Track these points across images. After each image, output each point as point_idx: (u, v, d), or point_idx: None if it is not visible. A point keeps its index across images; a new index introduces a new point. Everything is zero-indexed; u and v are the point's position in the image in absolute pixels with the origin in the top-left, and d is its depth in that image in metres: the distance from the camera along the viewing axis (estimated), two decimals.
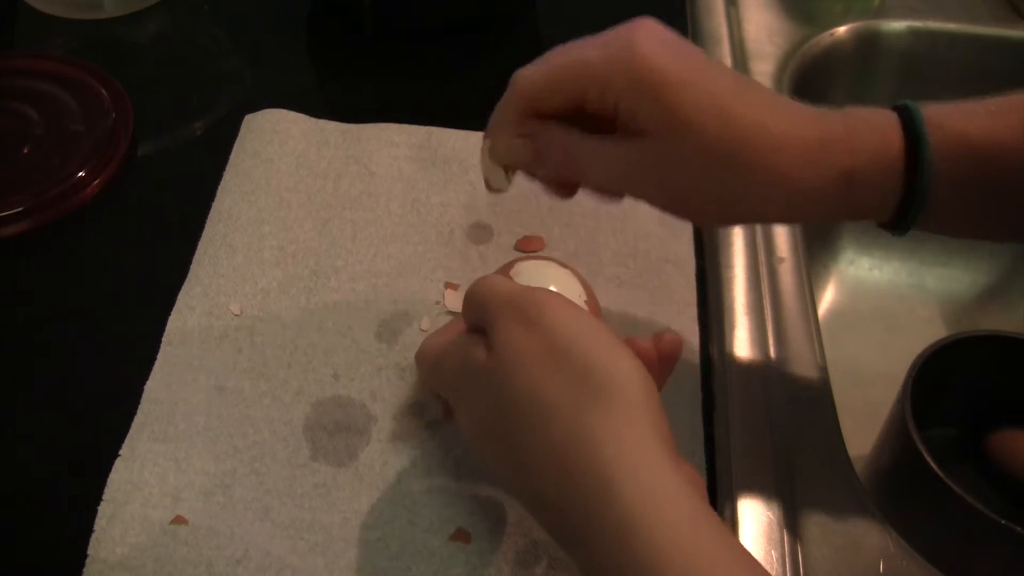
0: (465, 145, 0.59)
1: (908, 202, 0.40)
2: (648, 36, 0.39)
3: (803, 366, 0.50)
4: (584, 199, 0.45)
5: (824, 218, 0.42)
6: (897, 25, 0.75)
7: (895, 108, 0.40)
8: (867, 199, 0.40)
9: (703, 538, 0.31)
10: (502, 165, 0.44)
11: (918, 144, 0.39)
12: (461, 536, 0.42)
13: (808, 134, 0.39)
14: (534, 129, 0.42)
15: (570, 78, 0.40)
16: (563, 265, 0.48)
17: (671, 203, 0.42)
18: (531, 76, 0.41)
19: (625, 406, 0.33)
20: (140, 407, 0.46)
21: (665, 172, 0.40)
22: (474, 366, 0.37)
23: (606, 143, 0.41)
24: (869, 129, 0.40)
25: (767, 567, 0.39)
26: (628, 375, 0.34)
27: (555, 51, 0.41)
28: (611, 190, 0.44)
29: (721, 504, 0.45)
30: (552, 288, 0.45)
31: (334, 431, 0.46)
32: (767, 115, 0.39)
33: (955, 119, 0.39)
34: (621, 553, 0.31)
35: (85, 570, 0.41)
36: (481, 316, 0.38)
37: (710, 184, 0.40)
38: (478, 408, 0.37)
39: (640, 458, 0.32)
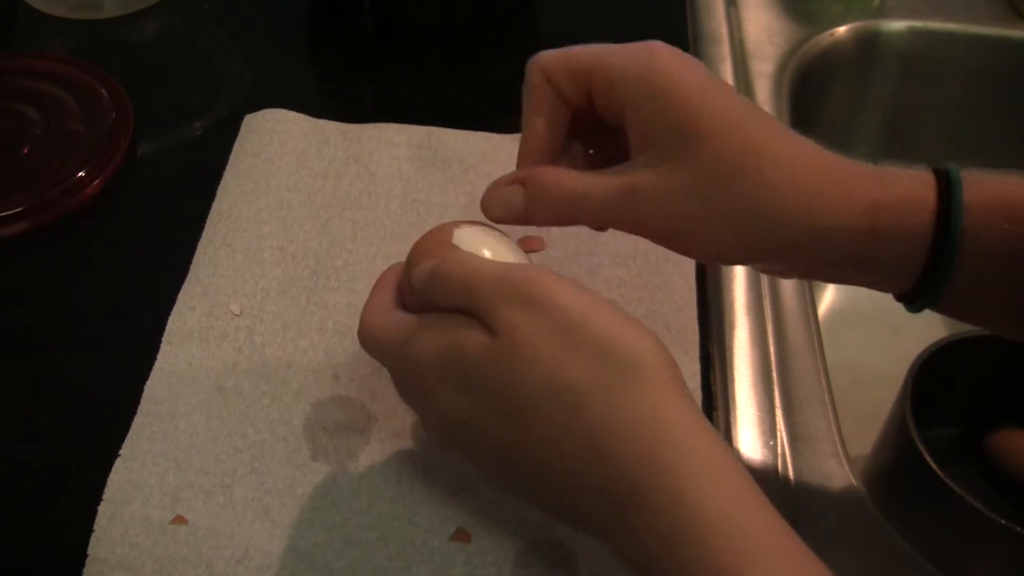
0: (465, 145, 0.59)
1: (937, 254, 0.36)
2: (668, 49, 0.38)
3: (803, 366, 0.50)
4: None
5: (843, 267, 0.39)
6: (897, 25, 0.75)
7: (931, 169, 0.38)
8: (893, 243, 0.37)
9: (753, 509, 0.32)
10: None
11: (949, 187, 0.36)
12: (461, 536, 0.42)
13: (833, 161, 0.37)
14: (523, 175, 0.40)
15: (584, 60, 0.39)
16: (504, 234, 0.43)
17: (677, 235, 0.39)
18: (550, 52, 0.40)
19: (652, 382, 0.33)
20: (140, 407, 0.46)
21: (672, 194, 0.37)
22: (470, 355, 0.34)
23: (606, 171, 0.39)
24: (900, 172, 0.38)
25: None
26: (646, 349, 0.34)
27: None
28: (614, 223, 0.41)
29: None
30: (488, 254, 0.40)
31: (334, 431, 0.46)
32: (789, 137, 0.37)
33: (992, 180, 0.37)
34: (671, 525, 0.31)
35: (85, 570, 0.41)
36: (468, 300, 0.35)
37: (724, 206, 0.36)
38: (478, 399, 0.34)
39: (680, 433, 0.32)
